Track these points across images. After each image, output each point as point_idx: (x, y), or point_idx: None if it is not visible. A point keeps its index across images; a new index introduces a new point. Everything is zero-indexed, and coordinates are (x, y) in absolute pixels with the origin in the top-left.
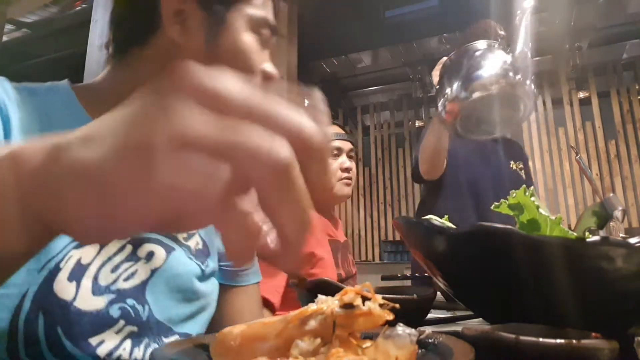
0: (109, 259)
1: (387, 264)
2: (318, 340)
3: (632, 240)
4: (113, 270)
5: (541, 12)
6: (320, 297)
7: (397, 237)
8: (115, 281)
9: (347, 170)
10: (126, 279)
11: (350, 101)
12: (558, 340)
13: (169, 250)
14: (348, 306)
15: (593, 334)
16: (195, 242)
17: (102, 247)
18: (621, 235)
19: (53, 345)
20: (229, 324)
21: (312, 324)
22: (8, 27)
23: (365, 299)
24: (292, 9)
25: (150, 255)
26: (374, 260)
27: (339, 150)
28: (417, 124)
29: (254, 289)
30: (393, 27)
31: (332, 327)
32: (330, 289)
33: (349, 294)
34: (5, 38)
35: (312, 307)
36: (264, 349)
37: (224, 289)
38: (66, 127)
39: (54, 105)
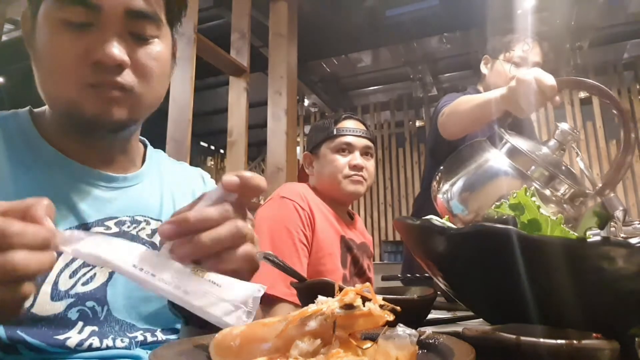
0: (67, 265)
1: (387, 264)
2: (318, 341)
3: (633, 241)
4: (71, 276)
5: (542, 11)
6: (320, 297)
7: (398, 238)
8: (73, 286)
9: (355, 167)
10: (84, 283)
11: (350, 101)
12: (559, 341)
13: None
14: (348, 307)
15: (594, 335)
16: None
17: (59, 254)
18: (622, 235)
19: (18, 343)
20: None
21: (312, 324)
22: (7, 26)
23: (365, 299)
24: (292, 8)
25: None
26: (374, 260)
27: (349, 146)
28: (418, 123)
29: None
30: (393, 26)
31: (332, 327)
32: (330, 290)
33: (349, 294)
34: (4, 38)
35: (312, 307)
36: (263, 350)
37: None
38: (22, 149)
39: (13, 130)
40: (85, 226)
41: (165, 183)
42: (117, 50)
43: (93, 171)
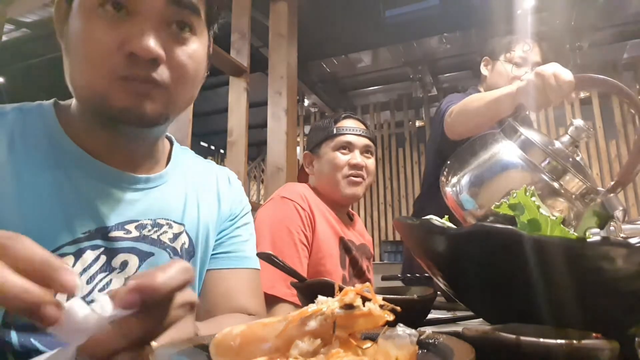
0: (85, 270)
1: (387, 264)
2: (318, 341)
3: (633, 240)
4: (89, 282)
5: (542, 12)
6: (320, 297)
7: (397, 237)
8: (90, 292)
9: (355, 166)
10: (101, 289)
11: (350, 101)
12: (559, 341)
13: (143, 257)
14: (348, 307)
15: (594, 334)
16: (181, 242)
17: (77, 258)
18: (622, 235)
19: (31, 350)
20: (217, 308)
21: (312, 324)
22: (8, 27)
23: (365, 299)
24: (292, 9)
25: (124, 265)
26: (374, 260)
27: (350, 145)
28: (418, 123)
29: (244, 273)
30: (393, 26)
31: (332, 327)
32: (330, 290)
33: (349, 294)
34: (5, 38)
35: (312, 307)
36: (263, 350)
37: (212, 274)
38: (45, 145)
39: (36, 125)
40: (104, 229)
41: (190, 184)
42: (153, 43)
43: (116, 172)
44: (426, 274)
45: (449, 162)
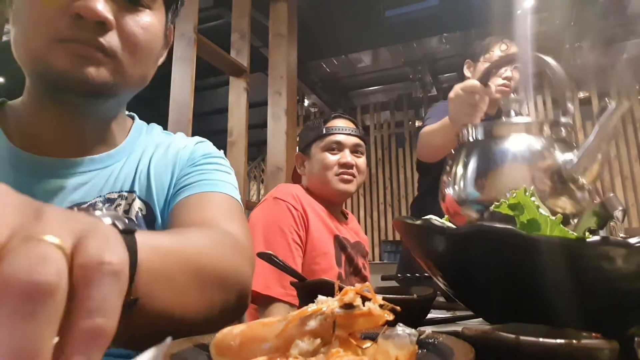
0: None
1: (387, 264)
2: (318, 341)
3: (632, 241)
4: None
5: (542, 11)
6: (320, 297)
7: (397, 237)
8: None
9: (344, 165)
10: None
11: (350, 101)
12: (558, 340)
13: None
14: (348, 306)
15: (593, 334)
16: (135, 209)
17: None
18: (621, 235)
19: None
20: None
21: (312, 324)
22: (7, 27)
23: (365, 299)
24: (292, 9)
25: None
26: (373, 260)
27: (339, 145)
28: (417, 123)
29: (217, 195)
30: (393, 26)
31: (332, 327)
32: (330, 289)
33: (349, 294)
34: (5, 38)
35: (312, 307)
36: (263, 349)
37: (177, 206)
38: None
39: None
40: None
41: (144, 157)
42: (100, 5)
43: (52, 161)
44: (425, 274)
45: (442, 178)
